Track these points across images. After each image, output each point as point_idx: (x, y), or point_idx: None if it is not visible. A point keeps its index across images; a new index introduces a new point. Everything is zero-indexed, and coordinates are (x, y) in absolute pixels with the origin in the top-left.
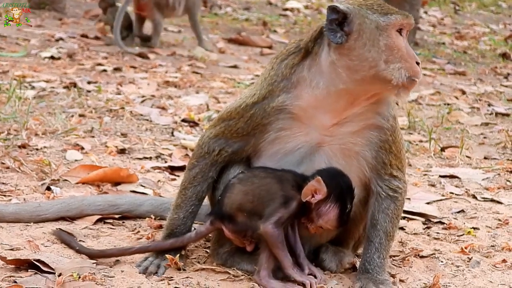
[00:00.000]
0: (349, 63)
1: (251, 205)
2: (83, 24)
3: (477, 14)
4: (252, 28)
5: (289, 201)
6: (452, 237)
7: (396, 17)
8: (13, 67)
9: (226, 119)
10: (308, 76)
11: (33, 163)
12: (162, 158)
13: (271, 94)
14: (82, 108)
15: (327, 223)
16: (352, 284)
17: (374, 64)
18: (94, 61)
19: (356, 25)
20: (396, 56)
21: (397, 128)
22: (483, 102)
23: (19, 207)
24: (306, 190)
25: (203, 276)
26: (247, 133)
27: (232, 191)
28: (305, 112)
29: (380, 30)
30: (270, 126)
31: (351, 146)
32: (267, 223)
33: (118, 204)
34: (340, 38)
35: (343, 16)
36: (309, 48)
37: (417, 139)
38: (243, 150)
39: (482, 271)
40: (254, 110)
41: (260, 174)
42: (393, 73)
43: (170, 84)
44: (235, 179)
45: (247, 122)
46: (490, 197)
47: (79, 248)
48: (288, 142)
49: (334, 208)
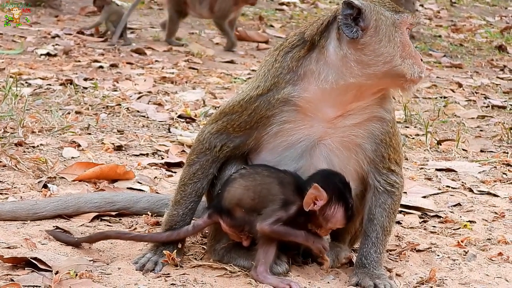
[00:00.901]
0: (363, 57)
1: (251, 201)
2: (79, 21)
3: (473, 7)
4: (248, 23)
5: (289, 205)
6: (449, 230)
7: (408, 16)
8: (9, 64)
9: (229, 113)
10: (317, 69)
11: (29, 161)
12: (159, 155)
13: (276, 86)
14: (79, 105)
15: (336, 224)
16: (348, 278)
17: (389, 59)
18: (91, 58)
19: (373, 21)
20: (408, 52)
21: (395, 121)
22: (479, 95)
23: (16, 205)
24: (307, 199)
25: (200, 272)
26: (250, 127)
27: (233, 185)
28: (310, 105)
29: (395, 27)
30: (274, 118)
31: (353, 138)
32: (264, 223)
33: (115, 201)
34: (356, 33)
35: (357, 12)
36: (315, 41)
37: (413, 133)
38: (244, 144)
39: (478, 265)
40: (259, 102)
41: (263, 172)
42: (408, 69)
43: (166, 80)
44: (236, 174)
45: (250, 115)
46: (486, 190)
47: (77, 239)
48: (291, 135)
49: (339, 208)
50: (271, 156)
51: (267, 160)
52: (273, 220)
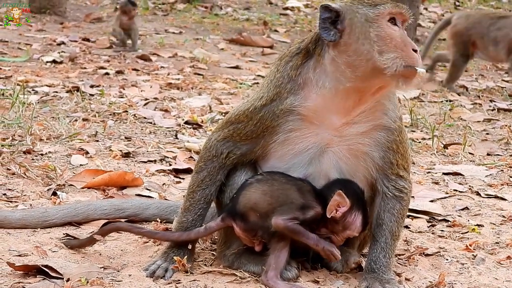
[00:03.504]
0: (348, 59)
1: (268, 206)
2: (84, 28)
3: (477, 10)
4: (253, 28)
5: (307, 209)
6: (457, 234)
7: (385, 7)
8: (15, 72)
9: (235, 122)
10: (314, 77)
11: (38, 168)
12: (167, 161)
13: (279, 96)
14: (86, 112)
15: (354, 231)
16: (358, 283)
17: (369, 56)
18: (96, 65)
19: (348, 21)
20: (390, 45)
21: (403, 129)
22: (484, 98)
23: (26, 213)
24: (330, 206)
25: (210, 278)
26: (256, 136)
27: (249, 190)
28: (314, 113)
29: (369, 22)
30: (279, 127)
31: (359, 147)
32: (280, 218)
33: (124, 208)
34: (334, 36)
35: (335, 14)
36: (310, 49)
37: (419, 137)
38: (251, 152)
39: (487, 268)
40: (263, 112)
41: (280, 178)
42: (387, 63)
43: (172, 86)
44: (253, 179)
45: (256, 124)
46: (493, 194)
47: (89, 239)
48: (297, 143)
49: (359, 215)
50: (280, 163)
51: (277, 167)
52: (289, 217)
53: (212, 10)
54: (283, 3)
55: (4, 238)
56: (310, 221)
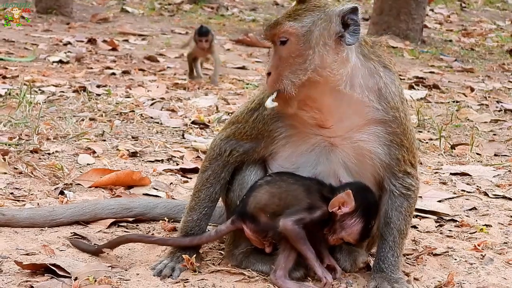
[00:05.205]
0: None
1: (276, 207)
2: (90, 28)
3: (483, 11)
4: (259, 29)
5: (314, 208)
6: (465, 234)
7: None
8: (22, 72)
9: (235, 122)
10: None
11: (45, 167)
12: (174, 161)
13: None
14: (92, 112)
15: (349, 236)
16: (366, 283)
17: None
18: (103, 65)
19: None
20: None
21: (404, 120)
22: (491, 99)
23: (33, 212)
24: (334, 201)
25: (218, 277)
26: (255, 136)
27: (259, 191)
28: (295, 119)
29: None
30: (274, 132)
31: (362, 144)
32: (288, 219)
33: (131, 207)
34: None
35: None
36: None
37: (427, 137)
38: (254, 151)
39: (495, 268)
40: (255, 116)
41: (288, 179)
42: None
43: (179, 86)
44: (262, 181)
45: (252, 126)
46: (501, 194)
47: (97, 247)
48: (299, 145)
49: (359, 223)
50: (288, 163)
51: (285, 167)
52: (297, 218)
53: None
54: (289, 4)
55: (11, 237)
56: (318, 221)
